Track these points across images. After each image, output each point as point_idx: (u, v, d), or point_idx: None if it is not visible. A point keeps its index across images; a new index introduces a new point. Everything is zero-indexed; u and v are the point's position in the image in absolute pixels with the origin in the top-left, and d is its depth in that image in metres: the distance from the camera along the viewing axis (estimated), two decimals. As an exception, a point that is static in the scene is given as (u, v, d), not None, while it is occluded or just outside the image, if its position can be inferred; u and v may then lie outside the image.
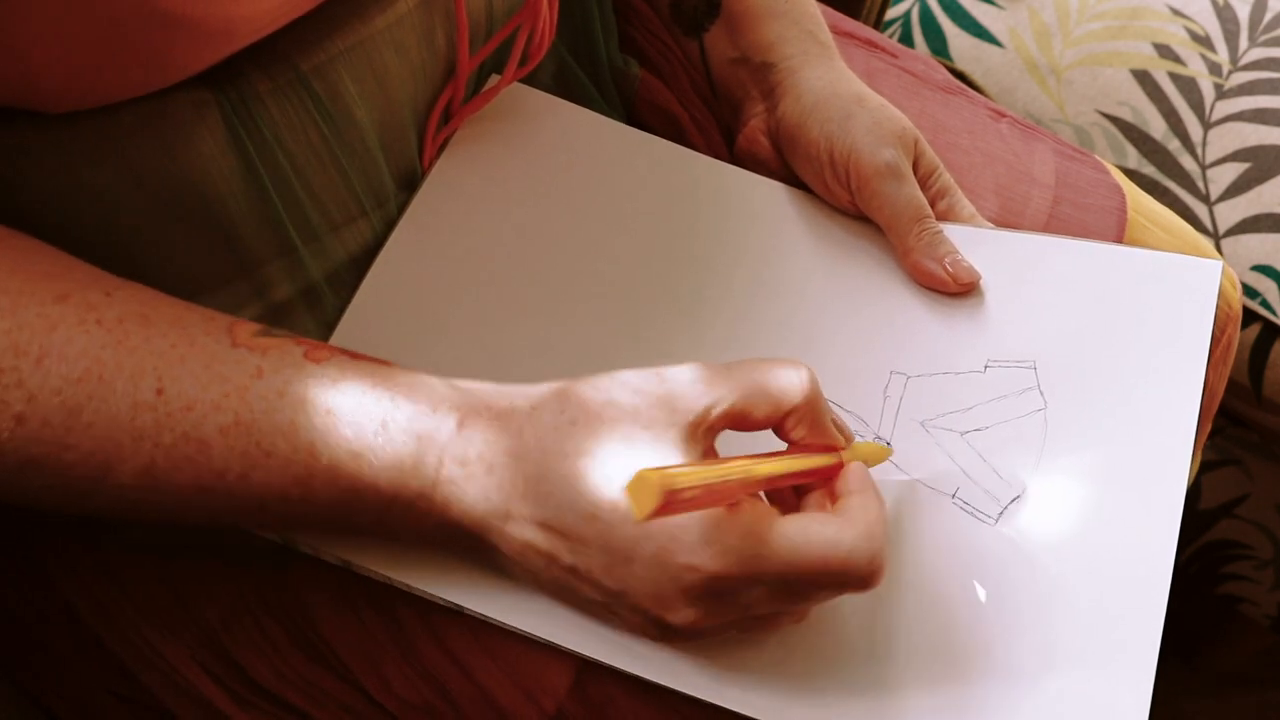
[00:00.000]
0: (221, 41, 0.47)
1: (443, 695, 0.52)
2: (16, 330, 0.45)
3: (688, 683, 0.50)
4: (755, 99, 0.66)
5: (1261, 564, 1.05)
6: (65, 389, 0.45)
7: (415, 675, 0.52)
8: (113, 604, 0.54)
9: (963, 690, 0.50)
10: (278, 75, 0.52)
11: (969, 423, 0.56)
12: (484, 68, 0.62)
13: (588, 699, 0.51)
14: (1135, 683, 0.50)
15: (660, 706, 0.51)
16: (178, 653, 0.53)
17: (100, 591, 0.54)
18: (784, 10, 0.66)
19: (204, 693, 0.53)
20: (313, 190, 0.54)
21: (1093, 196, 0.69)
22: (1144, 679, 0.49)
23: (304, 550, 0.52)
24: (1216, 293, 0.58)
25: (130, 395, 0.46)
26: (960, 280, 0.59)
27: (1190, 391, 0.55)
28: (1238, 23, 0.96)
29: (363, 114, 0.54)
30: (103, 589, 0.54)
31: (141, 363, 0.46)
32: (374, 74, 0.54)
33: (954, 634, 0.51)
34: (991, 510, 0.54)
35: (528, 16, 0.59)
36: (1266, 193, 0.91)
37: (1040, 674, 0.50)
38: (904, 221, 0.60)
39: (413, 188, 0.59)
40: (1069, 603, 0.52)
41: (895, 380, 0.57)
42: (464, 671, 0.52)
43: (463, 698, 0.52)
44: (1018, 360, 0.58)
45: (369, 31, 0.53)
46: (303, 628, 0.53)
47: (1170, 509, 0.53)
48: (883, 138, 0.61)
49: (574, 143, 0.62)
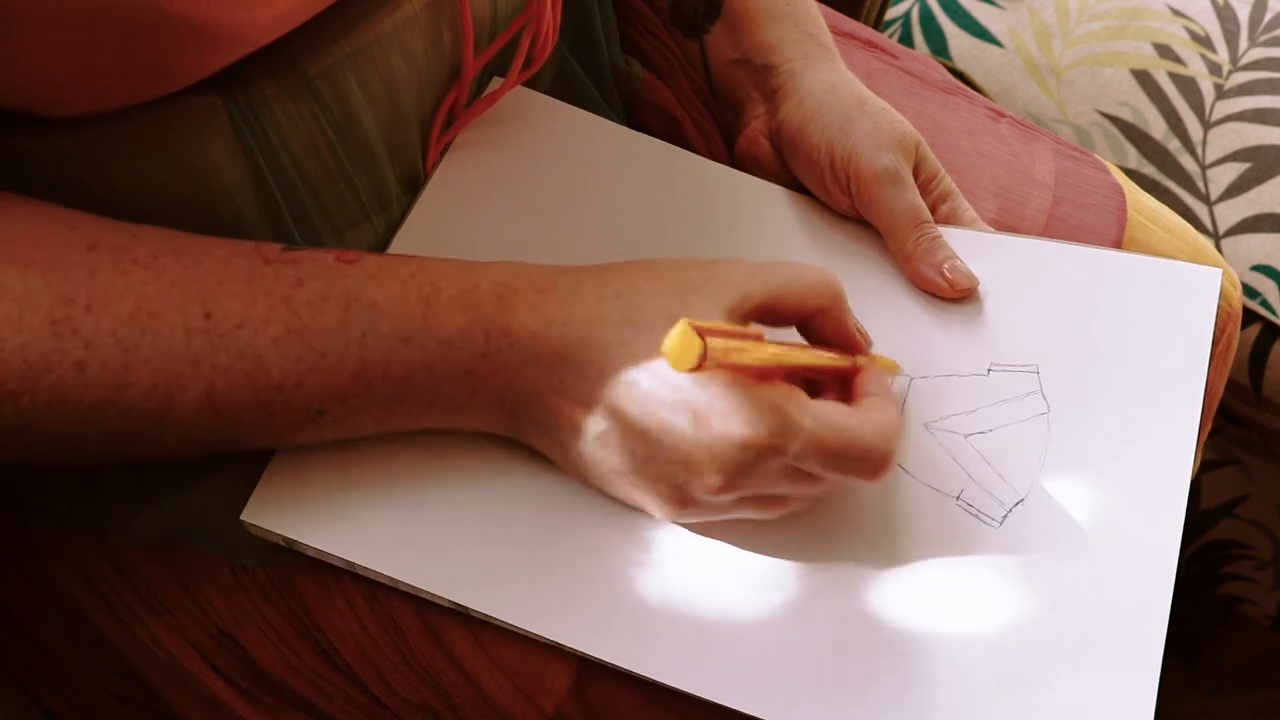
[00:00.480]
0: (229, 47, 0.47)
1: (442, 697, 0.52)
2: (60, 281, 0.46)
3: (688, 681, 0.50)
4: (756, 101, 0.66)
5: (1261, 564, 1.06)
6: (118, 329, 0.46)
7: (415, 678, 0.52)
8: (115, 595, 0.54)
9: (968, 692, 0.50)
10: (284, 80, 0.51)
11: (973, 425, 0.56)
12: (487, 70, 0.62)
13: (587, 700, 0.51)
14: (1140, 684, 0.50)
15: (660, 707, 0.51)
16: (182, 648, 0.53)
17: (105, 585, 0.54)
18: (785, 13, 0.66)
19: (210, 687, 0.53)
20: (318, 194, 0.54)
21: (1093, 196, 0.69)
22: (1149, 680, 0.50)
23: (309, 554, 0.53)
24: (1217, 299, 0.58)
25: (181, 324, 0.47)
26: (958, 286, 0.59)
27: (1192, 397, 0.56)
28: (1238, 23, 0.96)
29: (368, 117, 0.54)
30: (108, 583, 0.54)
31: (185, 292, 0.47)
32: (380, 77, 0.54)
33: (958, 636, 0.51)
34: (995, 513, 0.54)
35: (531, 19, 0.59)
36: (1266, 193, 0.91)
37: (1045, 676, 0.50)
38: (903, 227, 0.60)
39: (416, 190, 0.59)
40: (1073, 605, 0.52)
41: (899, 381, 0.58)
42: (463, 674, 0.52)
43: (462, 700, 0.52)
44: (1020, 364, 0.58)
45: (375, 35, 0.53)
46: (307, 625, 0.53)
47: (1173, 513, 0.53)
48: (883, 143, 0.61)
49: (575, 146, 0.62)
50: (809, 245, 0.62)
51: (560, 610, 0.51)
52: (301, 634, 0.53)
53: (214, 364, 0.47)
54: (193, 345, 0.47)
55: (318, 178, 0.54)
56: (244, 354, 0.48)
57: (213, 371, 0.48)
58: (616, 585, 0.52)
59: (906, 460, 0.55)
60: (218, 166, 0.51)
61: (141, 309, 0.47)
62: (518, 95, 0.62)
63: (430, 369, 0.50)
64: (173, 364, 0.47)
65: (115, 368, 0.46)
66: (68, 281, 0.46)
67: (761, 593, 0.52)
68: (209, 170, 0.51)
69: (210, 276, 0.48)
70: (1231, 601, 1.10)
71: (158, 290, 0.47)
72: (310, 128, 0.53)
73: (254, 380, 0.48)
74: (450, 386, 0.50)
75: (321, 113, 0.53)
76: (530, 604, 0.51)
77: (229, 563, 0.54)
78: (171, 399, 0.47)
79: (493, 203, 0.60)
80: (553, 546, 0.53)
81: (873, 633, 0.51)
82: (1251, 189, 0.91)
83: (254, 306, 0.48)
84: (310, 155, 0.53)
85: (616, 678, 0.51)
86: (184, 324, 0.47)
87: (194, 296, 0.48)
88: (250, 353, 0.48)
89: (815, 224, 0.62)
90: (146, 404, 0.47)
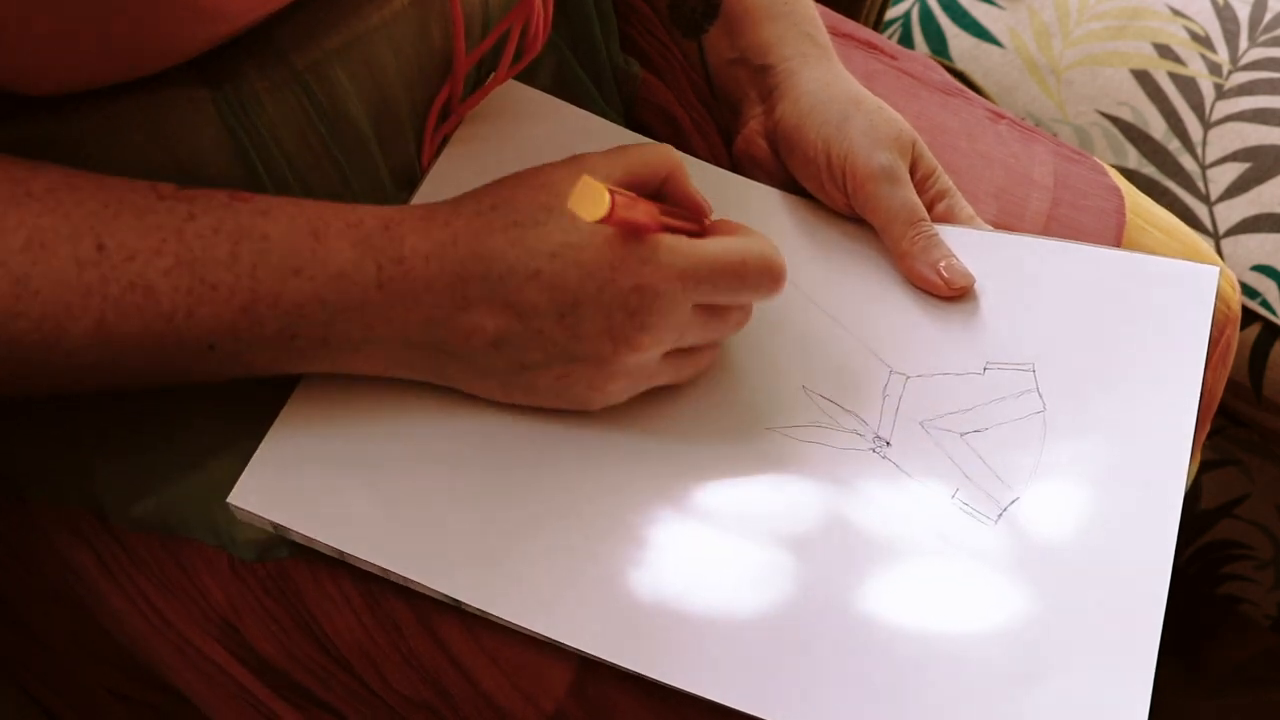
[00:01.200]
0: (213, 22, 0.48)
1: (442, 695, 0.52)
2: None
3: (688, 680, 0.50)
4: (753, 100, 0.66)
5: (1261, 564, 1.05)
6: (9, 259, 0.47)
7: (414, 676, 0.52)
8: (119, 569, 0.54)
9: (963, 691, 0.50)
10: (274, 73, 0.52)
11: (968, 424, 0.56)
12: (481, 65, 0.62)
13: (587, 699, 0.51)
14: (1135, 683, 0.50)
15: (660, 706, 0.51)
16: (182, 619, 0.53)
17: (108, 555, 0.54)
18: (783, 12, 0.66)
19: (219, 662, 0.53)
20: (310, 189, 0.54)
21: (1091, 198, 0.69)
22: (1144, 679, 0.49)
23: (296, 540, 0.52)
24: (1214, 298, 0.58)
25: (73, 255, 0.47)
26: (954, 285, 0.59)
27: (1188, 395, 0.56)
28: (1238, 23, 0.96)
29: (359, 111, 0.55)
30: (111, 553, 0.54)
31: (78, 224, 0.48)
32: (369, 71, 0.54)
33: (954, 634, 0.51)
34: (991, 511, 0.54)
35: (521, 12, 0.59)
36: (1266, 193, 0.91)
37: (1040, 674, 0.50)
38: (899, 225, 0.60)
39: (411, 186, 0.59)
40: (1069, 603, 0.52)
41: (895, 380, 0.58)
42: (462, 672, 0.52)
43: (461, 698, 0.52)
44: (1016, 363, 0.58)
45: (364, 28, 0.53)
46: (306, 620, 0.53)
47: (1168, 510, 0.53)
48: (879, 141, 0.61)
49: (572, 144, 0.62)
50: (805, 246, 0.62)
51: (555, 606, 0.51)
52: (301, 626, 0.53)
53: (105, 294, 0.48)
54: (84, 276, 0.47)
55: (309, 172, 0.54)
56: (135, 285, 0.48)
57: (103, 302, 0.48)
58: (615, 582, 0.52)
59: (902, 460, 0.56)
60: (207, 160, 0.51)
61: (35, 240, 0.47)
62: (515, 92, 0.62)
63: (322, 301, 0.50)
64: (63, 295, 0.47)
65: (5, 297, 0.46)
66: None
67: (759, 591, 0.52)
68: (199, 163, 0.51)
69: (105, 210, 0.48)
70: (1231, 601, 1.10)
71: (51, 222, 0.47)
72: (300, 121, 0.53)
73: (144, 311, 0.48)
74: (344, 321, 0.50)
75: (311, 106, 0.53)
76: (525, 600, 0.51)
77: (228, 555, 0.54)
78: (62, 330, 0.47)
79: None
80: (550, 542, 0.52)
81: (869, 631, 0.51)
82: (1251, 189, 0.91)
83: (146, 239, 0.48)
84: (301, 149, 0.54)
85: (617, 676, 0.51)
86: (76, 255, 0.47)
87: (87, 229, 0.48)
88: (141, 284, 0.48)
89: (810, 224, 0.63)
90: (36, 335, 0.47)
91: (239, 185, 0.52)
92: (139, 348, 0.49)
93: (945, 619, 0.52)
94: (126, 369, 0.50)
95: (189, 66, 0.50)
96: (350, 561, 0.52)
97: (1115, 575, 0.52)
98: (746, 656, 0.50)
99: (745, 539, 0.53)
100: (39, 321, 0.47)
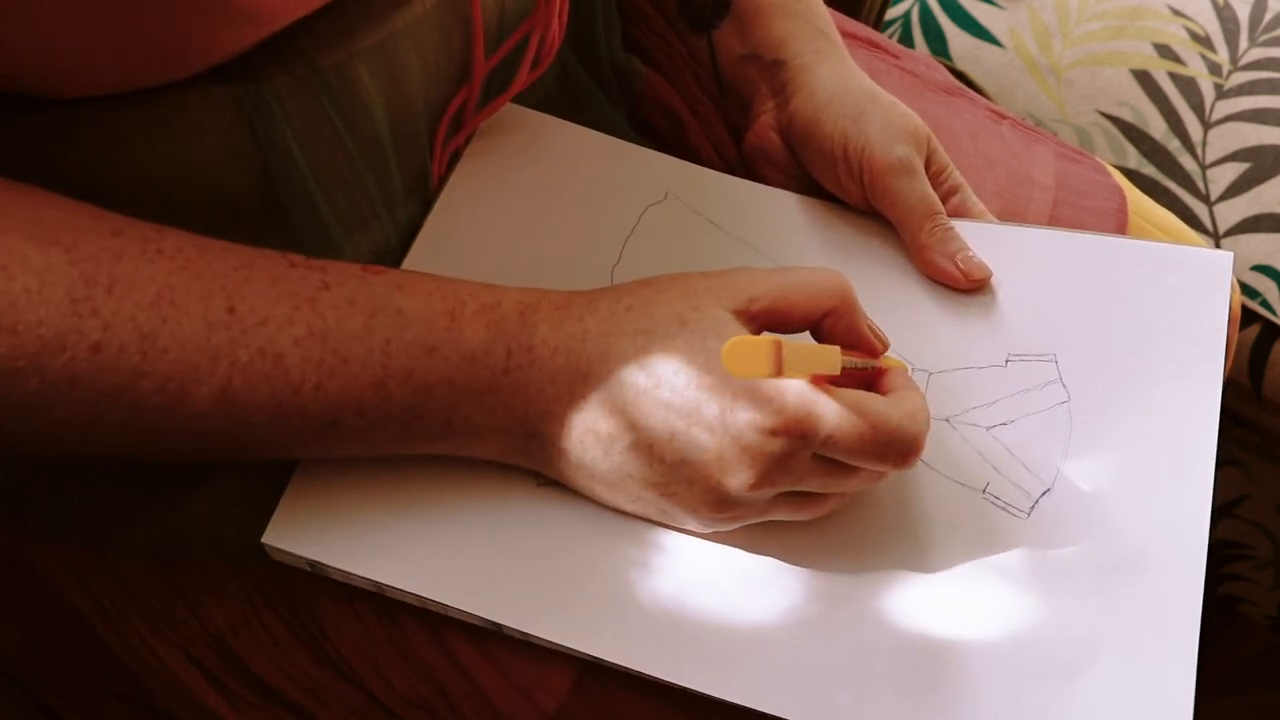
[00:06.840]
0: (246, 25, 0.47)
1: (442, 695, 0.52)
2: (84, 261, 0.44)
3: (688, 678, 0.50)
4: (765, 96, 0.66)
5: (1261, 564, 1.06)
6: (139, 315, 0.45)
7: (415, 675, 0.52)
8: (113, 605, 0.54)
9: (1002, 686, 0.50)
10: (295, 71, 0.51)
11: (994, 417, 0.56)
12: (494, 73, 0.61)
13: (588, 698, 0.51)
14: (1178, 671, 0.50)
15: (661, 706, 0.51)
16: (174, 655, 0.53)
17: (101, 592, 0.54)
18: (796, 9, 0.66)
19: (199, 696, 0.53)
20: (326, 190, 0.54)
21: (1093, 199, 0.70)
22: (1186, 667, 0.49)
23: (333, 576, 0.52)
24: (1229, 282, 0.58)
25: (203, 316, 0.46)
26: (971, 277, 0.59)
27: (1211, 377, 0.56)
28: (1238, 23, 0.97)
29: (379, 113, 0.54)
30: (104, 590, 0.54)
31: (209, 285, 0.46)
32: (392, 73, 0.54)
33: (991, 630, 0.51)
34: (1023, 504, 0.54)
35: (540, 20, 0.59)
36: (1266, 193, 0.91)
37: (1082, 667, 0.50)
38: (916, 218, 0.60)
39: (422, 192, 0.59)
40: (1108, 593, 0.52)
41: (917, 377, 0.57)
42: (463, 671, 0.52)
43: (462, 698, 0.52)
44: (1038, 354, 0.58)
45: (389, 30, 0.53)
46: (308, 625, 0.53)
47: (1200, 492, 0.53)
48: (896, 135, 0.61)
49: (585, 164, 0.62)
50: (820, 247, 0.62)
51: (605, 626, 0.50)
52: (300, 638, 0.53)
53: (233, 360, 0.46)
54: (213, 339, 0.46)
55: (326, 172, 0.53)
56: (265, 352, 0.47)
57: (231, 368, 0.46)
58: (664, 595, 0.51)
59: (930, 456, 0.55)
60: (225, 156, 0.51)
61: (164, 297, 0.45)
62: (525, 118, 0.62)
63: (451, 382, 0.49)
64: (191, 356, 0.46)
65: (132, 354, 0.45)
66: (91, 262, 0.45)
67: (771, 590, 0.52)
68: (216, 160, 0.50)
69: (236, 273, 0.47)
70: (1231, 601, 1.10)
71: (182, 280, 0.46)
72: (319, 121, 0.52)
73: (272, 380, 0.47)
74: (469, 404, 0.49)
75: (332, 106, 0.52)
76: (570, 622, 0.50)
77: (229, 568, 0.53)
78: (186, 393, 0.46)
79: (501, 221, 0.60)
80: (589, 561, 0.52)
81: (903, 630, 0.51)
82: (1251, 189, 0.91)
83: (278, 305, 0.47)
84: (319, 149, 0.53)
85: (618, 676, 0.51)
86: (206, 316, 0.46)
87: (218, 289, 0.46)
88: (271, 351, 0.47)
89: (825, 225, 0.62)
90: (160, 396, 0.46)
91: (248, 181, 0.51)
92: (261, 417, 0.47)
93: (983, 616, 0.51)
94: (244, 439, 0.48)
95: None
96: (388, 594, 0.52)
97: (1151, 562, 0.52)
98: (762, 656, 0.50)
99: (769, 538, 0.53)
100: (164, 382, 0.45)
